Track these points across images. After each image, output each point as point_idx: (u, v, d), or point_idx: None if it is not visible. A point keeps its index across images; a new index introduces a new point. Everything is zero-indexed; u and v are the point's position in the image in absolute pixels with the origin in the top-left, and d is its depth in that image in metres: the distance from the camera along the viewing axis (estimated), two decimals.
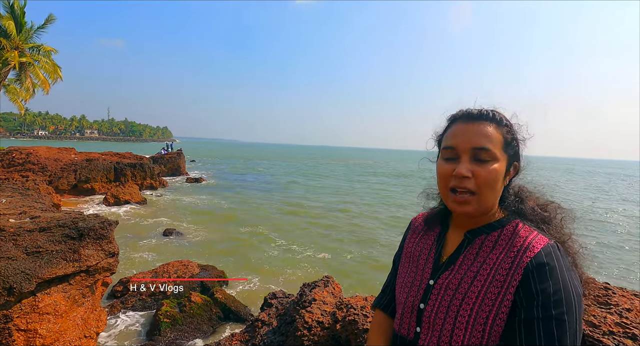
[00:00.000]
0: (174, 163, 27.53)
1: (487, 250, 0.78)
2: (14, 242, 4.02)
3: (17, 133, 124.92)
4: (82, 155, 18.01)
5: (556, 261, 0.70)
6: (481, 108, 0.81)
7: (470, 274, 0.77)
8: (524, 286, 0.69)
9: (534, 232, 0.77)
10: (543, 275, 0.68)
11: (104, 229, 4.70)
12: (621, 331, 1.29)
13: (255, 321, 2.49)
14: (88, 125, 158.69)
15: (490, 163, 0.75)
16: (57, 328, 3.86)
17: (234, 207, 16.12)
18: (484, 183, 0.75)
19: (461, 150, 0.76)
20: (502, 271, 0.73)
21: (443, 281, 0.80)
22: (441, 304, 0.78)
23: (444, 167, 0.79)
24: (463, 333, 0.72)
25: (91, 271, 4.37)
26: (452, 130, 0.81)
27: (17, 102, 22.50)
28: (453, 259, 0.83)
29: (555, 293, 0.66)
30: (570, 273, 0.70)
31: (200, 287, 6.78)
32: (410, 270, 0.91)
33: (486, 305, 0.72)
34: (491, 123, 0.78)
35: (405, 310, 0.85)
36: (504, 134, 0.79)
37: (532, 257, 0.71)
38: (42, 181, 14.02)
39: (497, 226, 0.80)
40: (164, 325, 5.24)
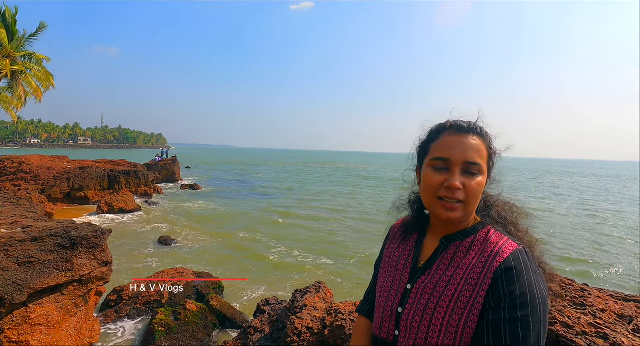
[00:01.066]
0: (168, 170, 27.40)
1: (461, 255, 0.82)
2: (5, 253, 3.97)
3: (9, 142, 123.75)
4: (76, 163, 17.88)
5: (523, 266, 0.74)
6: (469, 122, 0.85)
7: (445, 278, 0.81)
8: (493, 290, 0.73)
9: (504, 238, 0.81)
10: (510, 278, 0.72)
11: (97, 238, 4.67)
12: (594, 331, 1.33)
13: (248, 328, 2.50)
14: (81, 132, 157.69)
15: (478, 176, 0.80)
16: (49, 339, 3.81)
17: (230, 213, 16.06)
18: (472, 195, 0.79)
19: (454, 162, 0.80)
20: (474, 276, 0.77)
21: (419, 285, 0.84)
22: (417, 307, 0.81)
23: (435, 178, 0.81)
24: (437, 335, 0.76)
25: (84, 280, 4.33)
26: (442, 141, 0.84)
27: (9, 110, 22.31)
28: (429, 264, 0.86)
29: (521, 295, 0.70)
30: (536, 276, 0.74)
31: (195, 295, 6.73)
32: (389, 275, 0.94)
33: (459, 308, 0.75)
34: (479, 137, 0.83)
35: (385, 314, 0.89)
36: (487, 148, 0.84)
37: (502, 262, 0.75)
38: (34, 190, 13.91)
39: (470, 232, 0.84)
40: (159, 333, 5.19)
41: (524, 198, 23.08)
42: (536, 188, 33.58)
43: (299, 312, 1.97)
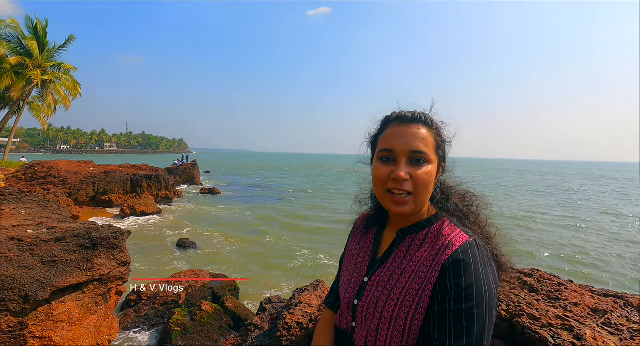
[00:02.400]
0: (188, 174, 28.06)
1: (415, 247, 0.83)
2: (30, 252, 4.17)
3: (41, 148, 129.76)
4: (101, 168, 18.56)
5: (472, 258, 0.73)
6: (414, 112, 0.84)
7: (398, 271, 0.81)
8: (441, 282, 0.73)
9: (456, 230, 0.81)
10: (458, 271, 0.72)
11: (117, 239, 4.83)
12: (560, 323, 1.35)
13: (249, 325, 2.55)
14: (107, 138, 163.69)
15: (425, 165, 0.79)
16: (70, 335, 3.96)
17: (249, 216, 16.26)
18: (420, 184, 0.78)
19: (399, 153, 0.79)
20: (424, 268, 0.77)
21: (375, 278, 0.85)
22: (371, 300, 0.82)
23: (382, 169, 0.81)
24: (387, 327, 0.77)
25: (104, 280, 4.49)
26: (388, 132, 0.84)
27: (40, 118, 23.50)
28: (386, 257, 0.87)
29: (467, 288, 0.70)
30: (485, 269, 0.73)
31: (211, 296, 6.85)
32: (350, 268, 0.95)
33: (408, 300, 0.76)
34: (424, 126, 0.82)
35: (344, 306, 0.91)
36: (435, 137, 0.83)
37: (450, 255, 0.75)
38: (62, 193, 14.51)
39: (425, 224, 0.84)
40: (175, 333, 5.31)
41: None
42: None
43: (293, 309, 2.01)
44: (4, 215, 6.25)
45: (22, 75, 20.26)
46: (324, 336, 1.00)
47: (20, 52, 20.68)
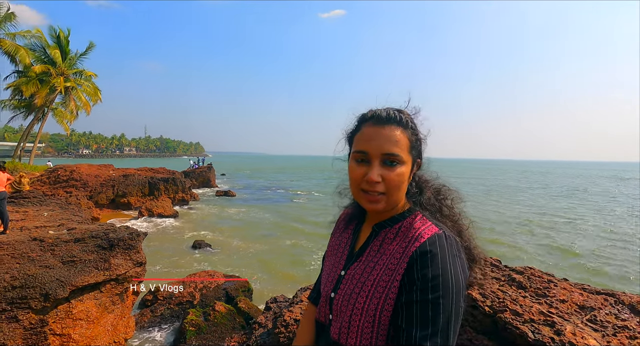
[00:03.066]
0: (204, 177, 28.51)
1: (389, 241, 0.84)
2: (51, 252, 4.34)
3: (65, 153, 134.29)
4: (120, 171, 19.07)
5: (439, 249, 0.74)
6: (389, 111, 0.84)
7: (371, 264, 0.84)
8: (408, 273, 0.75)
9: (427, 223, 0.82)
10: (425, 262, 0.73)
11: (133, 240, 4.97)
12: (542, 319, 1.36)
13: (254, 323, 2.58)
14: (127, 142, 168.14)
15: (398, 166, 0.80)
16: (89, 333, 4.09)
17: (263, 219, 16.41)
18: (392, 186, 0.80)
19: (372, 155, 0.81)
20: (394, 261, 0.79)
21: (351, 271, 0.87)
22: (346, 292, 0.84)
23: (356, 170, 0.82)
24: (358, 318, 0.79)
25: (120, 279, 4.62)
26: (362, 133, 0.85)
27: (63, 123, 24.37)
28: (362, 251, 0.89)
29: (433, 278, 0.71)
30: (454, 260, 0.74)
31: (225, 297, 6.93)
32: (330, 262, 0.98)
33: (378, 292, 0.78)
34: (399, 127, 0.82)
35: (322, 300, 0.94)
36: (409, 137, 0.83)
37: (418, 246, 0.76)
38: (83, 196, 14.97)
39: (399, 219, 0.86)
40: (189, 333, 5.40)
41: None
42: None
43: (293, 307, 2.03)
44: (27, 217, 6.51)
45: (46, 83, 21.09)
46: (305, 329, 1.03)
47: (45, 61, 21.54)
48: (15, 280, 3.73)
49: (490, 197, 27.70)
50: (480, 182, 45.20)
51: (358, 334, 0.79)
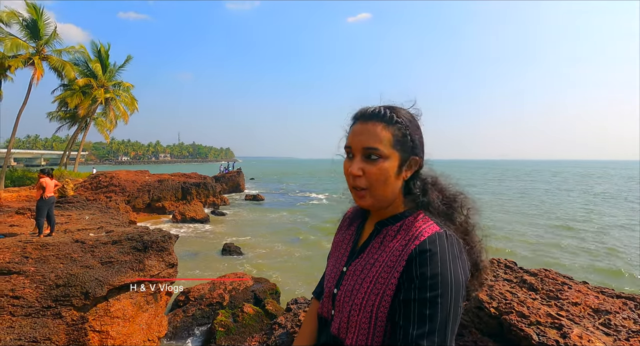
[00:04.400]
0: (234, 181, 29.24)
1: (390, 239, 0.85)
2: (91, 253, 4.61)
3: (106, 160, 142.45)
4: (155, 177, 19.96)
5: (439, 248, 0.73)
6: (375, 108, 0.85)
7: (372, 261, 0.84)
8: (407, 271, 0.74)
9: (429, 222, 0.81)
10: (424, 260, 0.73)
11: (165, 242, 5.18)
12: (549, 321, 1.31)
13: (274, 324, 2.62)
14: (162, 149, 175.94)
15: (380, 161, 0.80)
16: (125, 331, 4.30)
17: (291, 223, 16.57)
18: (374, 180, 0.81)
19: (355, 149, 0.83)
20: (393, 258, 0.79)
21: (353, 268, 0.88)
22: (347, 288, 0.85)
23: (345, 166, 0.86)
24: (357, 314, 0.80)
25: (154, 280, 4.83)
26: (351, 129, 0.87)
27: (104, 132, 25.91)
28: (363, 248, 0.90)
29: (432, 277, 0.70)
30: (454, 259, 0.73)
31: (253, 299, 7.05)
32: (333, 259, 0.99)
33: (376, 288, 0.78)
34: (381, 123, 0.82)
35: (326, 295, 0.95)
36: (393, 132, 0.82)
37: (417, 245, 0.76)
38: (122, 201, 15.78)
39: (400, 217, 0.86)
40: (219, 333, 5.54)
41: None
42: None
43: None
44: (71, 220, 6.96)
45: (88, 95, 22.53)
46: (307, 324, 1.05)
47: (87, 74, 23.04)
48: (59, 279, 4.00)
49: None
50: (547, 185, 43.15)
51: (356, 329, 0.80)
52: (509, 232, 14.59)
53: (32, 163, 78.47)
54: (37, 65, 18.87)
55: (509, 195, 29.35)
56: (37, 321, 3.64)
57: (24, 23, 18.66)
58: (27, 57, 18.62)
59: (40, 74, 19.03)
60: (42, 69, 19.27)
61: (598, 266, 10.34)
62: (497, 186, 39.91)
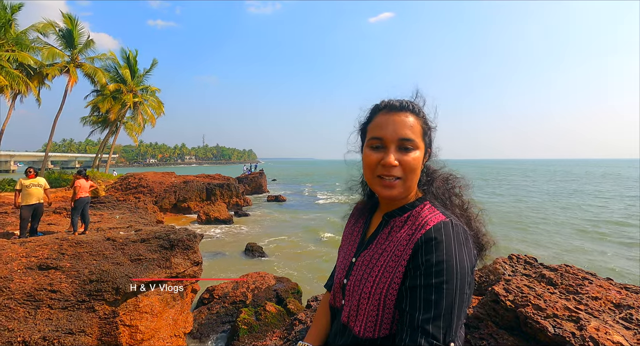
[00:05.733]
0: (256, 182, 29.68)
1: (397, 229, 0.87)
2: (122, 251, 4.82)
3: (135, 162, 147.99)
4: (181, 178, 20.56)
5: (444, 236, 0.75)
6: (402, 100, 0.87)
7: (379, 251, 0.86)
8: (413, 259, 0.76)
9: (435, 211, 0.83)
10: (429, 248, 0.74)
11: (191, 241, 5.34)
12: (566, 314, 1.30)
13: (294, 320, 2.65)
14: (187, 151, 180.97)
15: (413, 151, 0.83)
16: (153, 325, 4.47)
17: (313, 223, 16.64)
18: (408, 170, 0.82)
19: (388, 140, 0.83)
20: (401, 247, 0.81)
21: (361, 258, 0.90)
22: (356, 278, 0.88)
23: (372, 157, 0.85)
24: (366, 302, 0.82)
25: (180, 277, 4.98)
26: (377, 121, 0.87)
27: (133, 135, 26.96)
28: (372, 239, 0.92)
29: (437, 264, 0.72)
30: (460, 247, 0.75)
31: (275, 298, 7.14)
32: (344, 251, 1.02)
33: (384, 277, 0.81)
34: (412, 114, 0.85)
35: (336, 286, 0.99)
36: (422, 124, 0.86)
37: (423, 234, 0.78)
38: (149, 201, 16.37)
39: (408, 208, 0.88)
40: (242, 331, 5.64)
41: None
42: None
43: None
44: (103, 219, 7.30)
45: (118, 100, 23.53)
46: (321, 313, 1.09)
47: (117, 79, 24.06)
48: (92, 275, 4.20)
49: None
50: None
51: (364, 317, 0.82)
52: None
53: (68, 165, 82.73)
54: (71, 72, 19.90)
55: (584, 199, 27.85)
56: (73, 314, 3.84)
57: (60, 33, 19.73)
58: (62, 65, 19.67)
59: (74, 81, 20.06)
60: (76, 76, 20.31)
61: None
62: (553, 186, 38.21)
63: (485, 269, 2.03)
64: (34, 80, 18.73)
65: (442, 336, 0.68)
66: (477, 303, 1.67)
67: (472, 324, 1.54)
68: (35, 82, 18.85)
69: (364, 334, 0.82)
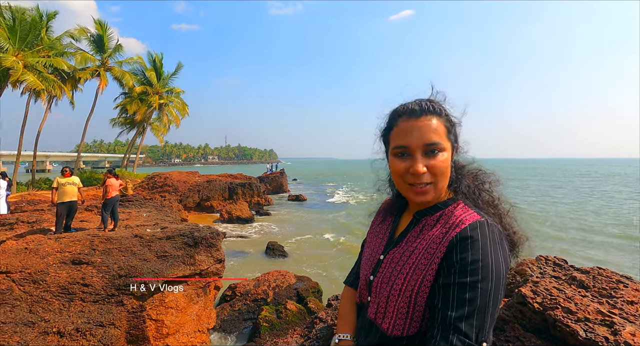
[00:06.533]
0: (277, 182, 29.96)
1: (429, 228, 0.85)
2: (148, 247, 4.99)
3: (160, 162, 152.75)
4: (204, 177, 21.04)
5: (480, 236, 0.73)
6: (421, 102, 0.85)
7: (410, 249, 0.85)
8: (447, 257, 0.75)
9: (469, 211, 0.82)
10: (464, 246, 0.73)
11: (214, 238, 5.46)
12: (599, 318, 1.26)
13: (315, 318, 2.66)
14: (210, 151, 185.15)
15: (441, 153, 0.81)
16: (178, 320, 4.60)
17: (333, 223, 16.66)
18: (438, 173, 0.81)
19: (413, 148, 0.81)
20: (434, 245, 0.80)
21: (390, 256, 0.90)
22: (384, 275, 0.87)
23: (400, 165, 0.83)
24: (395, 299, 0.81)
25: (203, 274, 5.11)
26: (399, 128, 0.85)
27: (158, 136, 27.82)
28: (402, 237, 0.91)
29: (472, 262, 0.71)
30: (495, 248, 0.73)
31: (296, 296, 7.19)
32: (369, 248, 1.02)
33: (416, 275, 0.79)
34: (433, 116, 0.83)
35: (362, 283, 0.98)
36: (445, 124, 0.84)
37: (458, 232, 0.76)
38: (174, 200, 16.82)
39: (441, 207, 0.87)
40: (263, 328, 5.72)
41: None
42: None
43: None
44: (131, 217, 7.58)
45: (145, 101, 24.37)
46: (347, 307, 1.08)
47: (144, 82, 24.93)
48: (121, 270, 4.38)
49: None
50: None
51: (393, 314, 0.82)
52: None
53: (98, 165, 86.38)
54: (102, 76, 20.77)
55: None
56: (103, 308, 4.01)
57: (91, 38, 20.63)
58: (93, 69, 20.57)
59: (104, 84, 20.94)
60: (106, 79, 21.19)
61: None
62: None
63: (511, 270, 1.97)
64: (68, 84, 19.68)
65: (474, 336, 0.67)
66: (503, 304, 1.62)
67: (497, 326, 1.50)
68: (69, 85, 19.81)
69: (393, 331, 0.81)
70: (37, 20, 17.29)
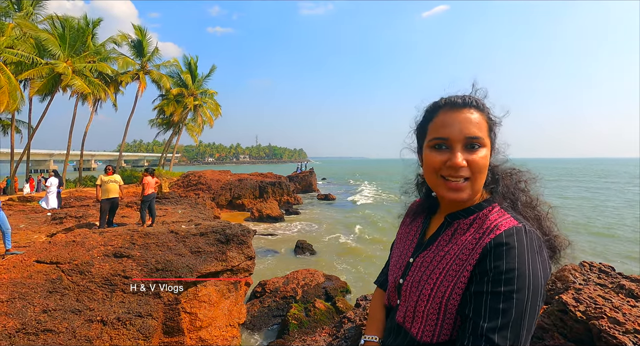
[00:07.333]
0: (306, 181, 30.19)
1: (461, 232, 0.81)
2: (183, 243, 5.19)
3: (195, 161, 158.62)
4: (236, 176, 21.60)
5: (517, 243, 0.69)
6: (464, 96, 0.81)
7: (442, 253, 0.81)
8: (480, 264, 0.71)
9: (505, 215, 0.76)
10: (499, 254, 0.69)
11: (245, 236, 5.59)
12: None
13: (343, 318, 2.65)
14: (242, 151, 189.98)
15: (481, 149, 0.77)
16: (210, 314, 4.75)
17: (362, 222, 16.55)
18: (477, 170, 0.77)
19: (454, 140, 0.77)
20: (466, 251, 0.76)
21: (420, 259, 0.86)
22: (414, 279, 0.84)
23: (436, 158, 0.79)
24: (424, 304, 0.78)
25: (234, 270, 5.24)
26: (439, 120, 0.81)
27: (193, 136, 28.88)
28: (432, 240, 0.87)
29: (508, 271, 0.66)
30: (533, 256, 0.68)
31: (324, 295, 7.22)
32: (398, 251, 0.99)
33: (446, 280, 0.76)
34: (476, 110, 0.79)
35: (391, 285, 0.95)
36: (487, 120, 0.80)
37: (493, 238, 0.72)
38: (208, 198, 17.38)
39: (474, 210, 0.82)
40: (292, 326, 5.79)
41: None
42: None
43: None
44: (167, 213, 7.92)
45: (180, 103, 25.38)
46: (377, 309, 1.06)
47: (179, 84, 25.97)
48: (158, 264, 4.58)
49: None
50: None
51: (423, 319, 0.79)
52: None
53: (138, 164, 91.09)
54: (141, 79, 21.86)
55: None
56: (142, 299, 4.22)
57: (132, 43, 21.76)
58: (134, 73, 21.68)
59: (144, 87, 22.01)
60: (145, 82, 22.27)
61: None
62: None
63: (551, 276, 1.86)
64: (111, 87, 20.88)
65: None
66: (542, 312, 1.53)
67: (535, 334, 1.42)
68: (112, 88, 21.01)
69: (422, 337, 0.79)
70: (83, 27, 18.48)
